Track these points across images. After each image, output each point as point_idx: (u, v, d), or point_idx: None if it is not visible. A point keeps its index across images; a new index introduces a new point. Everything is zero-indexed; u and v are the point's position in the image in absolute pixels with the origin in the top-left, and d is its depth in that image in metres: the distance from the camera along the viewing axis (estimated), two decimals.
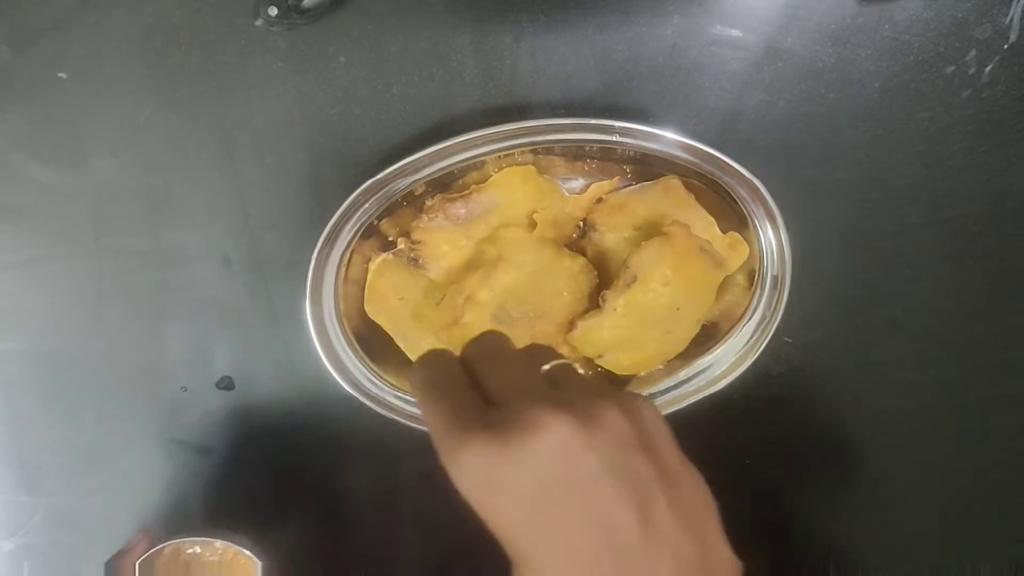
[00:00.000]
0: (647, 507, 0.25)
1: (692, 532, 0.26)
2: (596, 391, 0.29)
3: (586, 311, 0.47)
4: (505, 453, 0.25)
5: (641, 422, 0.27)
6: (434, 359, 0.30)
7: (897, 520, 0.53)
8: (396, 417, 0.47)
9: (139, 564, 0.45)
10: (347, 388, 0.47)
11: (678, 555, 0.25)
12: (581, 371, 0.31)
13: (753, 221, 0.46)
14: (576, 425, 0.25)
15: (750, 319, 0.48)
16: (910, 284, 0.50)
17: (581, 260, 0.47)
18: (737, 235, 0.48)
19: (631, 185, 0.48)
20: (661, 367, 0.49)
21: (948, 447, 0.53)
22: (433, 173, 0.46)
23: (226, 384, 0.51)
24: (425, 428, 0.28)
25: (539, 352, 0.31)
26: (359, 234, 0.46)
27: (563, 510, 0.25)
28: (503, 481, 0.25)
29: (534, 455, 0.25)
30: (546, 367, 0.30)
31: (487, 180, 0.47)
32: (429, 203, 0.47)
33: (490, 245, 0.47)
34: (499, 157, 0.46)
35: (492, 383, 0.28)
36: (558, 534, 0.25)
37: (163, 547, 0.45)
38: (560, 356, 0.31)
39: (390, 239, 0.48)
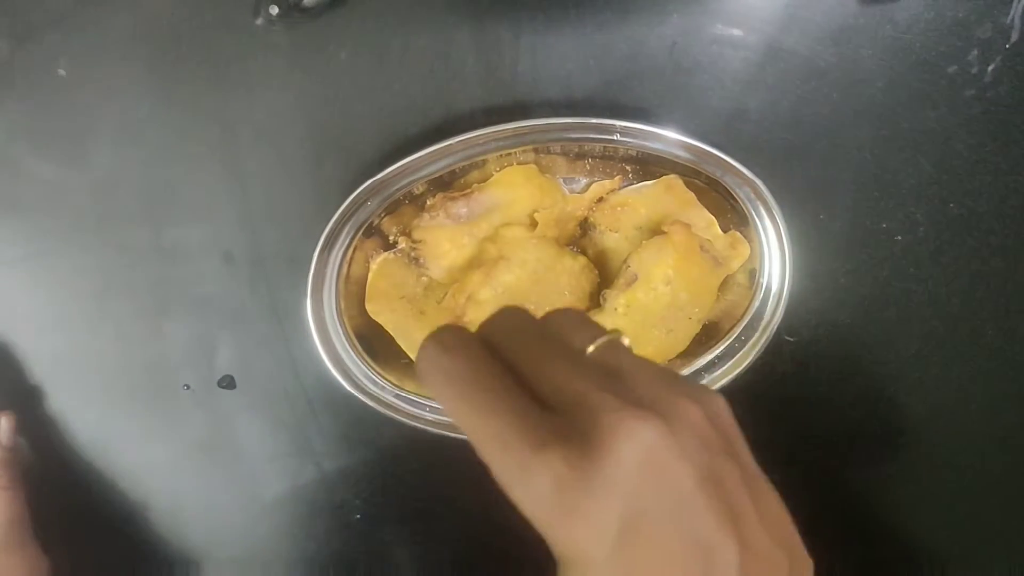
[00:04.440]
0: (741, 523, 0.22)
1: (782, 546, 0.23)
2: (667, 383, 0.24)
3: (587, 310, 0.47)
4: (587, 471, 0.21)
5: (719, 420, 0.24)
6: (454, 342, 0.24)
7: (900, 520, 0.53)
8: (396, 416, 0.47)
9: None
10: (347, 387, 0.47)
11: (774, 573, 0.23)
12: (628, 344, 0.25)
13: (754, 220, 0.46)
14: (663, 430, 0.21)
15: (751, 318, 0.48)
16: (915, 283, 0.50)
17: (582, 259, 0.47)
18: (738, 234, 0.48)
19: (632, 184, 0.48)
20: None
21: (953, 446, 0.52)
22: (434, 172, 0.46)
23: (227, 383, 0.51)
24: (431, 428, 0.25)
25: (573, 325, 0.25)
26: (360, 232, 0.46)
27: (657, 534, 0.21)
28: (587, 506, 0.21)
29: (622, 471, 0.21)
30: (591, 348, 0.24)
31: (488, 179, 0.47)
32: (430, 202, 0.47)
33: (491, 244, 0.46)
34: (500, 156, 0.46)
35: (542, 379, 0.23)
36: (654, 563, 0.21)
37: None
38: (600, 327, 0.25)
39: (391, 238, 0.48)
